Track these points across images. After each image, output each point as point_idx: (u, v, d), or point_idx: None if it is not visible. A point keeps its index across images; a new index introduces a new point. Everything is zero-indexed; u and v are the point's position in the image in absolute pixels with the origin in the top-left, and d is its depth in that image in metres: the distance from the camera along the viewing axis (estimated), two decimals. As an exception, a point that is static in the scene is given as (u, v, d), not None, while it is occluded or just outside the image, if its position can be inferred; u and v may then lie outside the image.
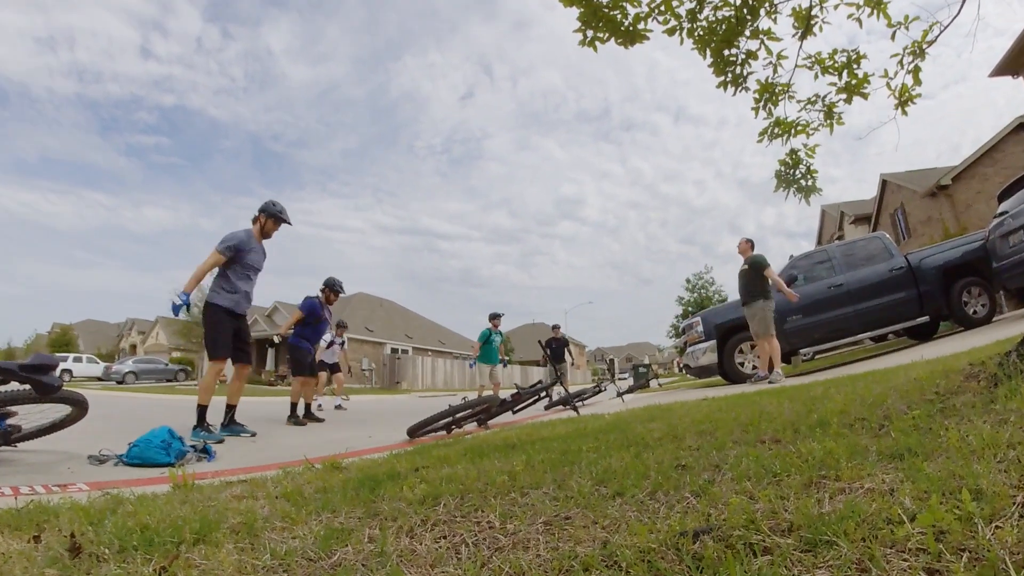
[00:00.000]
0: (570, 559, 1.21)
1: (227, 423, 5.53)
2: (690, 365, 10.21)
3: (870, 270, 9.40)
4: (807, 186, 4.33)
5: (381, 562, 1.31)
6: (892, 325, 9.42)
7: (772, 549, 1.11)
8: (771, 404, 3.48)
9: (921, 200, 22.72)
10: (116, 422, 6.41)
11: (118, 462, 3.70)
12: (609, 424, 3.99)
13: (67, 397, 3.90)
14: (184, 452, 3.95)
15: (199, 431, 5.10)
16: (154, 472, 3.46)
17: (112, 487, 2.66)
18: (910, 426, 1.98)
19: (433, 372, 39.64)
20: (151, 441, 3.81)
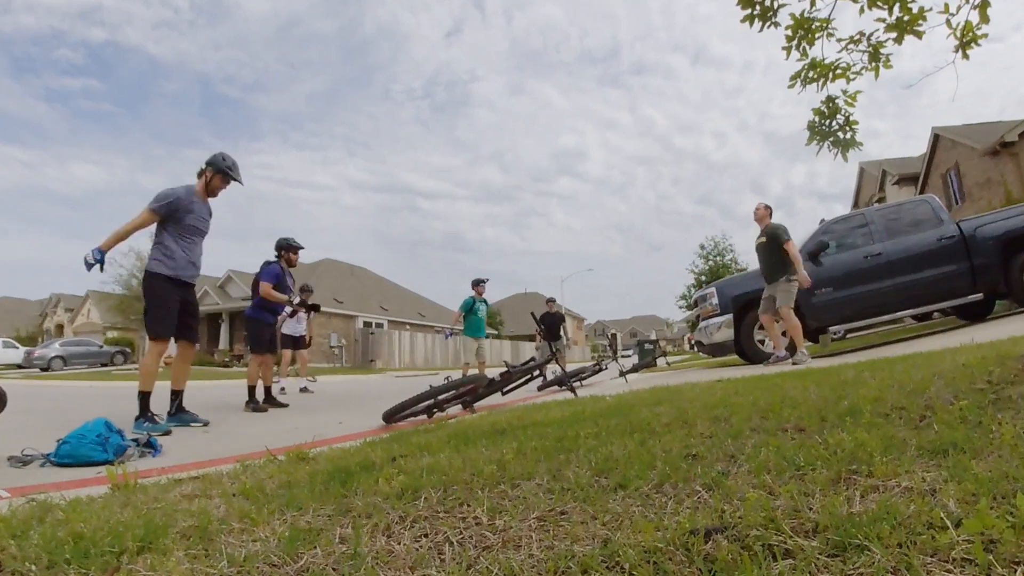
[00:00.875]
0: (566, 559, 1.22)
1: (174, 412, 5.52)
2: (703, 342, 10.27)
3: (915, 238, 9.34)
4: (845, 139, 4.27)
5: (354, 565, 1.32)
6: (938, 302, 9.42)
7: (794, 552, 1.13)
8: (795, 388, 3.51)
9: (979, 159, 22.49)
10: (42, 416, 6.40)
11: (45, 462, 3.69)
12: (610, 407, 4.02)
13: None
14: (124, 447, 3.94)
15: (142, 422, 5.09)
16: (89, 472, 3.44)
17: (39, 492, 2.62)
18: (956, 418, 2.00)
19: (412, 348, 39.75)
20: (85, 436, 3.78)
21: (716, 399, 3.58)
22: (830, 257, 9.38)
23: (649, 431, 2.64)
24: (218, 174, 5.81)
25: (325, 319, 34.95)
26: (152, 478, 2.80)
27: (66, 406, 7.92)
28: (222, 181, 5.87)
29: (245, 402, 7.38)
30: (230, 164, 5.89)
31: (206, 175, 5.81)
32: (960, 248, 9.15)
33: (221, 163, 5.84)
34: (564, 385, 7.57)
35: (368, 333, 37.49)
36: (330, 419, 6.20)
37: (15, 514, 2.10)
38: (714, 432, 2.41)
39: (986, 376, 2.67)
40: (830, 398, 2.85)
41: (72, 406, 7.84)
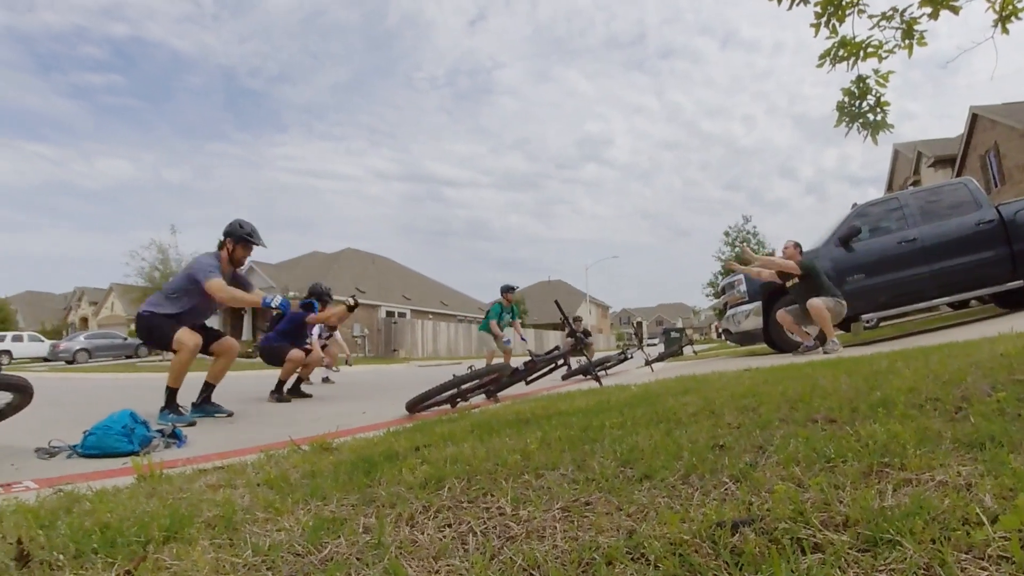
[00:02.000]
0: (591, 550, 1.22)
1: (199, 403, 5.59)
2: (731, 330, 10.20)
3: (951, 223, 9.14)
4: (875, 121, 4.18)
5: (378, 555, 1.33)
6: (976, 290, 9.23)
7: (823, 546, 1.12)
8: (825, 378, 3.48)
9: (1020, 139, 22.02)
10: (68, 408, 6.50)
11: (72, 454, 3.73)
12: (636, 397, 4.02)
13: (6, 382, 3.92)
14: (150, 438, 3.98)
15: (167, 413, 5.16)
16: (115, 463, 3.47)
17: (66, 483, 2.67)
18: (994, 410, 1.97)
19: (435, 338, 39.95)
20: (110, 427, 3.83)
21: (744, 389, 3.56)
22: (862, 243, 9.24)
23: (675, 421, 2.64)
24: (239, 244, 5.80)
25: (348, 309, 35.21)
26: (177, 468, 2.84)
27: (92, 398, 8.03)
28: (244, 249, 5.86)
29: (270, 392, 7.46)
30: (249, 231, 5.85)
31: (227, 246, 5.80)
32: (999, 233, 8.95)
33: (240, 231, 5.81)
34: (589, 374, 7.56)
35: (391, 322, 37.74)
36: (353, 409, 6.24)
37: (43, 504, 2.14)
38: (742, 422, 2.40)
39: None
40: (862, 388, 2.82)
41: (97, 398, 7.96)
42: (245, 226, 5.86)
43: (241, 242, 5.82)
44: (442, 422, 3.83)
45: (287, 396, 7.47)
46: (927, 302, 9.35)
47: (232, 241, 5.80)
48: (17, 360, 32.96)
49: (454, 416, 4.38)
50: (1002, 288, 9.10)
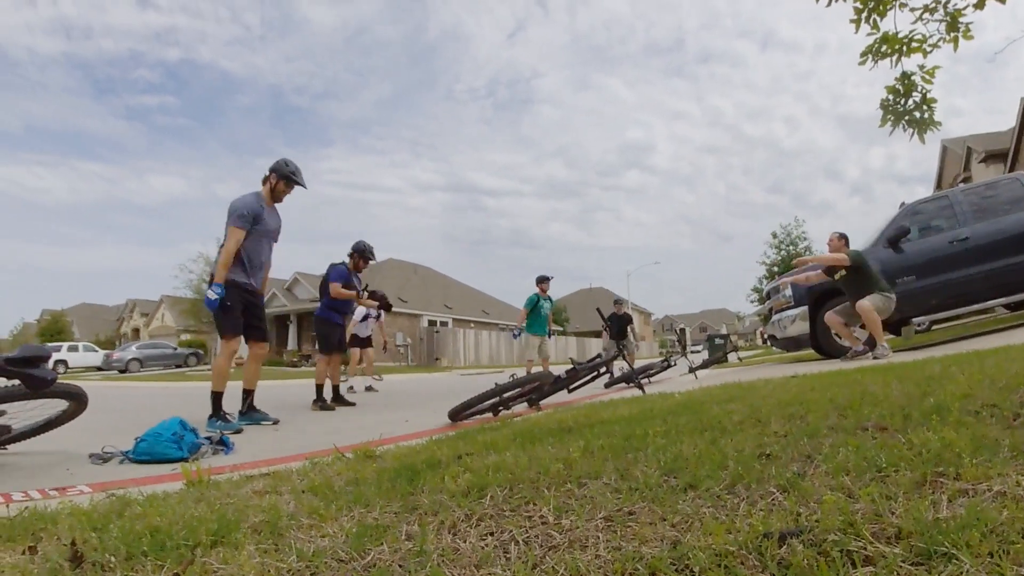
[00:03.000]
0: (634, 561, 1.21)
1: (245, 410, 5.69)
2: (776, 336, 10.06)
3: (1005, 220, 8.82)
4: (922, 119, 4.07)
5: (420, 562, 1.34)
6: None
7: (875, 559, 1.09)
8: (876, 384, 3.41)
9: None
10: (120, 415, 6.66)
11: (124, 460, 3.82)
12: (680, 405, 3.98)
13: (62, 391, 4.03)
14: (198, 445, 4.06)
15: (214, 421, 5.27)
16: (165, 469, 3.56)
17: (118, 487, 2.75)
18: (1054, 416, 1.91)
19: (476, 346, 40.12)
20: (161, 434, 3.93)
21: (791, 396, 3.50)
22: (912, 243, 9.03)
23: (720, 429, 2.60)
24: (282, 180, 5.95)
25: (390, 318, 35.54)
26: (224, 475, 2.89)
27: (143, 406, 8.23)
28: (286, 186, 6.01)
29: (313, 401, 7.55)
30: (293, 169, 6.03)
31: (270, 181, 5.97)
32: None
33: (284, 168, 5.98)
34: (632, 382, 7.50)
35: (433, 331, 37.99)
36: (396, 417, 6.29)
37: (96, 508, 2.20)
38: (789, 431, 2.36)
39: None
40: (914, 395, 2.76)
41: (148, 406, 8.14)
42: (290, 164, 6.05)
43: (284, 179, 5.99)
44: (484, 430, 3.83)
45: (331, 404, 7.56)
46: (981, 304, 9.07)
47: (276, 176, 5.98)
48: (72, 369, 33.97)
49: (496, 424, 4.38)
50: None
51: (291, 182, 6.03)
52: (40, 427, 4.27)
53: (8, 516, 2.10)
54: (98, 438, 4.34)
